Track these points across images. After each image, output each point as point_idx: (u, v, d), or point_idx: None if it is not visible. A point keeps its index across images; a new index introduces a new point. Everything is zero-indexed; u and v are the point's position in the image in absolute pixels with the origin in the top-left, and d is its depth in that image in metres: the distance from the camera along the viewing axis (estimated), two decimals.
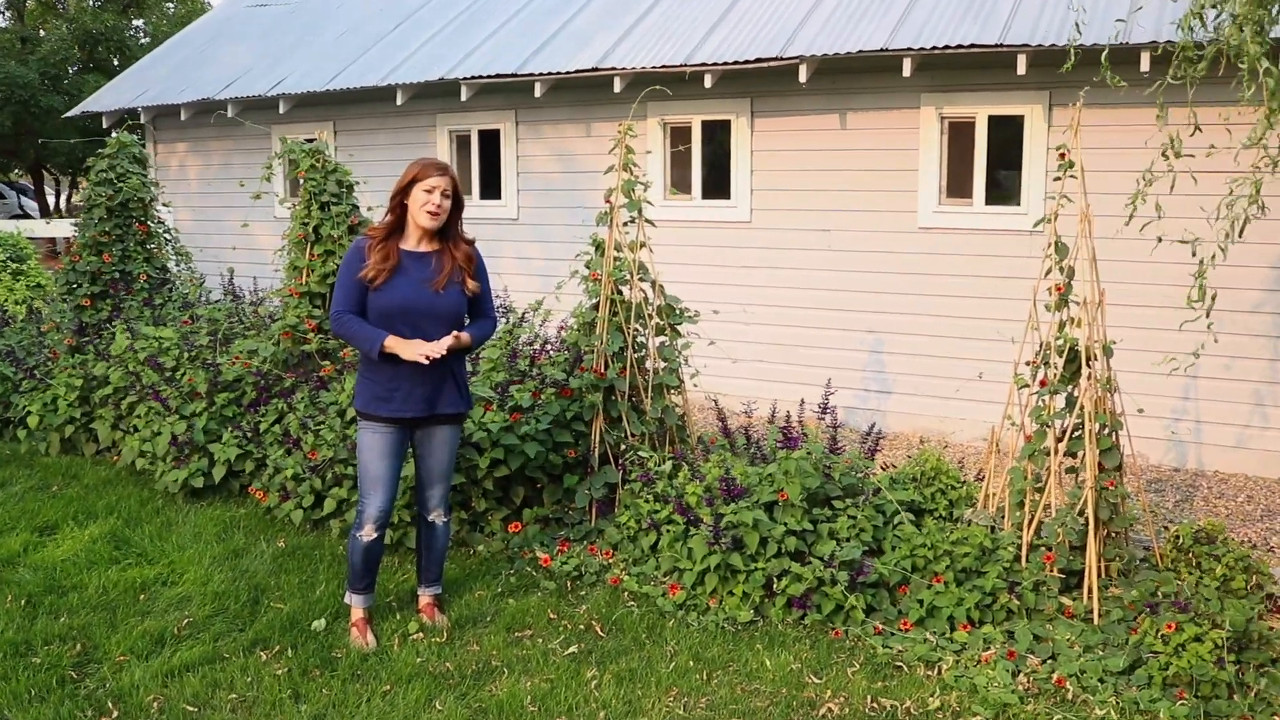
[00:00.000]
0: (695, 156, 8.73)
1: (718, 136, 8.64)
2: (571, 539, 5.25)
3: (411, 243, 4.14)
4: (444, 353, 3.98)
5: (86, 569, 4.93)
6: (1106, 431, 4.50)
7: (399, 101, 9.58)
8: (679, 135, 8.87)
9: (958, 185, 7.74)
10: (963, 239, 7.68)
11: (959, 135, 7.68)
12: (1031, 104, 7.28)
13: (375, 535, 4.19)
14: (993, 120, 7.53)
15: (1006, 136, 7.57)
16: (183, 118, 11.22)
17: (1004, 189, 7.61)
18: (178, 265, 8.20)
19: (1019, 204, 7.46)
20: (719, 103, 8.49)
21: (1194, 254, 4.37)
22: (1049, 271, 4.58)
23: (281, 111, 10.44)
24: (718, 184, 8.71)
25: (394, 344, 3.98)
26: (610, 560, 5.04)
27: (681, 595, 4.62)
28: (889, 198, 7.91)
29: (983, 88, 7.46)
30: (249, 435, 5.97)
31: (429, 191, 4.02)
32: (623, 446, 5.41)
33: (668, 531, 4.83)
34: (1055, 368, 4.57)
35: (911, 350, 7.95)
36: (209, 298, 7.94)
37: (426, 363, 3.95)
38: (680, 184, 8.85)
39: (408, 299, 4.04)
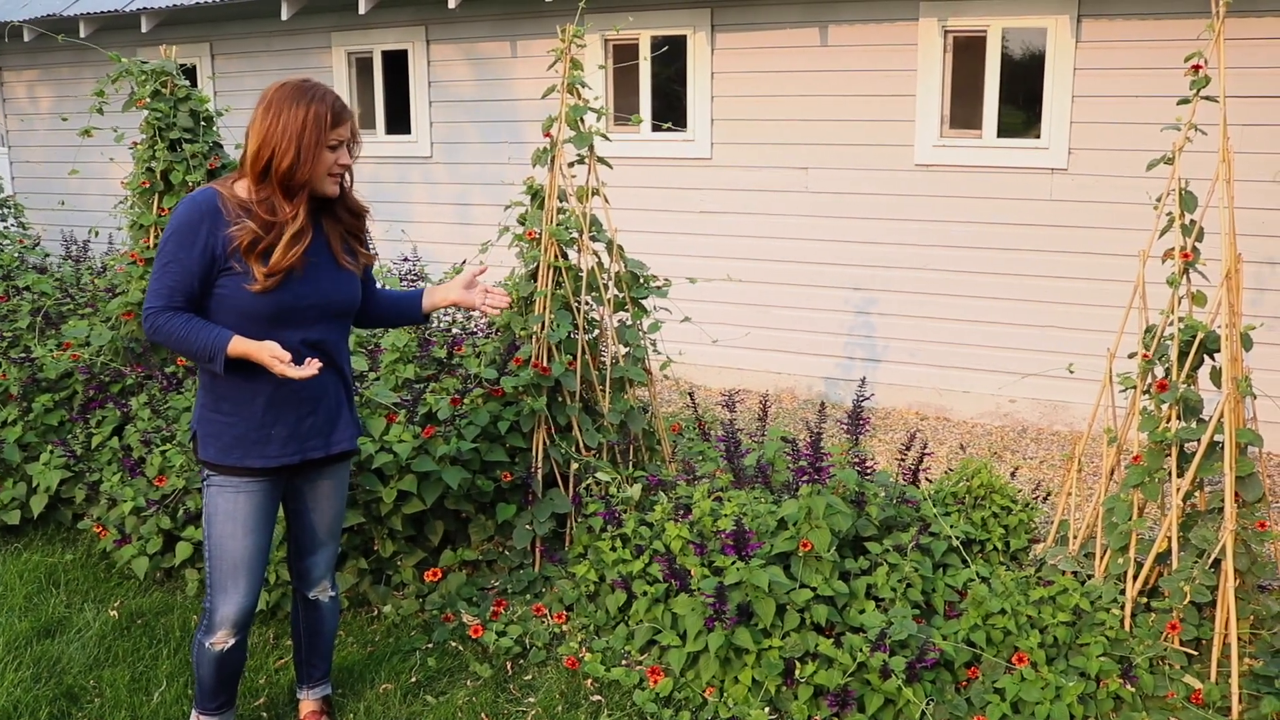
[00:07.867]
0: (644, 80, 7.30)
1: (671, 55, 7.21)
2: (510, 592, 3.93)
3: None
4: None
5: None
6: (1245, 451, 3.30)
7: (284, 16, 7.93)
8: (623, 54, 7.42)
9: (964, 114, 6.44)
10: (969, 178, 6.41)
11: (966, 53, 6.37)
12: (1057, 13, 5.99)
13: (233, 642, 2.82)
14: (1007, 35, 6.24)
15: (1024, 55, 6.29)
16: (26, 38, 9.39)
17: (1020, 119, 6.34)
18: (4, 222, 6.57)
19: (1038, 137, 6.20)
20: (672, 14, 7.05)
21: None
22: (1166, 230, 3.33)
23: (145, 30, 8.71)
24: (671, 113, 7.31)
25: (246, 348, 2.54)
26: (564, 626, 3.74)
27: (666, 684, 3.35)
28: (880, 129, 6.59)
29: None
30: (78, 453, 4.52)
31: (335, 148, 2.61)
32: (574, 465, 4.09)
33: (643, 593, 3.54)
34: (1171, 362, 3.35)
35: (905, 311, 6.71)
36: (45, 263, 6.32)
37: (299, 376, 2.52)
38: (625, 113, 7.42)
39: (299, 291, 2.63)
